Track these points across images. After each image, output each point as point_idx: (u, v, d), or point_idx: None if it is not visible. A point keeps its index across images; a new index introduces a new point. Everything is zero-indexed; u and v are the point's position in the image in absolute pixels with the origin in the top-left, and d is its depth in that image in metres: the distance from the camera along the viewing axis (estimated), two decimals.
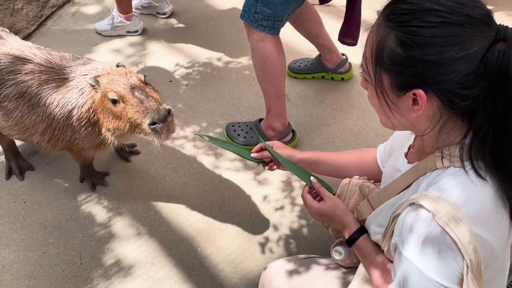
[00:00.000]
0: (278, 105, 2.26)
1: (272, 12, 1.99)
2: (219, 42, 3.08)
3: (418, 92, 0.91)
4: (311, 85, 2.76)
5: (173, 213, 2.11)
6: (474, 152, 0.92)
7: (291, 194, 2.20)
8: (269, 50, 2.10)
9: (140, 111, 1.60)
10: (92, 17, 3.29)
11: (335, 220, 1.27)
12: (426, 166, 0.99)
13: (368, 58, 0.97)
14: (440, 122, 0.95)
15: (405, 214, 0.95)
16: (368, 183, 1.36)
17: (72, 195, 2.17)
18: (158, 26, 3.22)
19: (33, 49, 1.88)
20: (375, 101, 1.00)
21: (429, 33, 0.87)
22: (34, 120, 1.82)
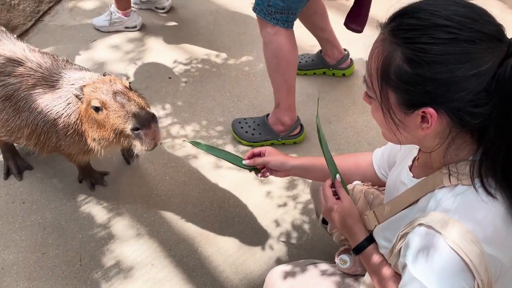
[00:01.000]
0: (288, 99, 2.24)
1: (286, 5, 1.95)
2: (219, 38, 3.04)
3: (428, 111, 0.87)
4: (312, 82, 2.73)
5: (173, 213, 2.09)
6: (484, 169, 0.89)
7: (293, 193, 2.18)
8: (283, 44, 2.07)
9: (122, 116, 1.55)
10: (90, 12, 3.24)
11: (344, 224, 1.22)
12: (434, 182, 0.96)
13: (373, 74, 0.93)
14: (449, 139, 0.92)
15: (414, 234, 0.93)
16: (372, 189, 1.34)
17: (71, 195, 2.15)
18: (157, 21, 3.18)
19: (26, 51, 1.84)
20: (380, 117, 0.97)
21: (438, 50, 0.83)
22: (19, 124, 1.80)
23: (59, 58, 1.88)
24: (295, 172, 1.44)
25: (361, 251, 1.19)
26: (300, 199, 2.15)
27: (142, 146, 1.57)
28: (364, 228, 1.20)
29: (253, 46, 2.96)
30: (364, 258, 1.19)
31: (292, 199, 2.15)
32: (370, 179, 1.39)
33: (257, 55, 2.90)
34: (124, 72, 2.76)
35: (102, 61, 2.85)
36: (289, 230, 2.03)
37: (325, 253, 1.93)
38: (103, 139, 1.66)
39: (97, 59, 2.85)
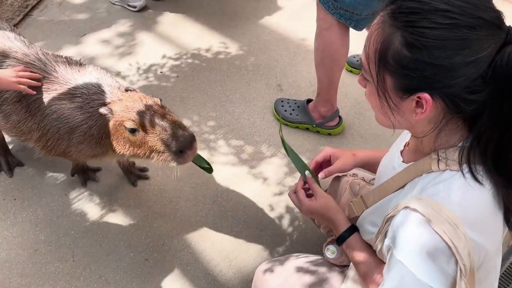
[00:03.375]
0: (328, 92, 2.27)
1: (352, 4, 1.91)
2: (210, 31, 3.02)
3: (424, 96, 0.87)
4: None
5: (166, 208, 2.09)
6: (474, 156, 0.89)
7: (285, 186, 2.18)
8: (332, 41, 2.06)
9: (165, 139, 1.52)
10: (79, 6, 3.21)
11: (325, 218, 1.26)
12: (422, 167, 0.97)
13: (371, 57, 0.92)
14: (440, 125, 0.92)
15: (399, 217, 0.94)
16: (358, 180, 1.35)
17: (63, 191, 2.14)
18: (148, 14, 3.15)
19: (39, 54, 1.79)
20: (375, 100, 0.97)
21: (438, 35, 0.82)
22: (30, 126, 1.76)
23: (73, 61, 1.82)
24: (364, 165, 1.40)
25: (344, 241, 1.20)
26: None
27: (178, 163, 1.57)
28: (345, 218, 1.22)
29: (244, 40, 2.95)
30: (347, 248, 1.20)
31: (285, 193, 2.16)
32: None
33: (248, 49, 2.89)
34: (114, 67, 2.74)
35: (92, 55, 2.82)
36: (282, 223, 2.04)
37: (318, 245, 1.94)
38: (133, 155, 1.64)
39: (87, 54, 2.83)
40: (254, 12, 3.16)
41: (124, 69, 2.75)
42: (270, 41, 2.94)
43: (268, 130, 2.43)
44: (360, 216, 1.17)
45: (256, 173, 2.23)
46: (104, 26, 3.05)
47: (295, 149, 2.30)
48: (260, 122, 2.47)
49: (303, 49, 2.89)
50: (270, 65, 2.79)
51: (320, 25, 2.07)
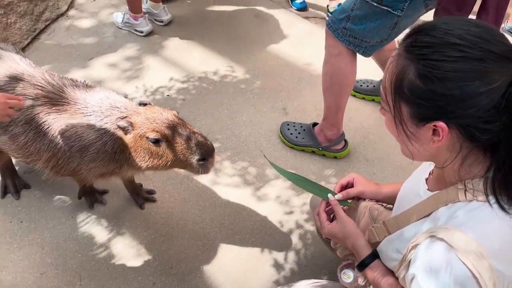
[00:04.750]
0: (335, 117, 2.31)
1: (361, 31, 1.96)
2: (215, 56, 3.07)
3: (439, 124, 0.90)
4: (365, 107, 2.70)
5: (174, 231, 2.09)
6: (497, 186, 0.91)
7: (292, 208, 2.19)
8: (341, 68, 2.11)
9: (188, 148, 1.59)
10: (86, 30, 3.26)
11: (346, 242, 1.27)
12: (448, 197, 0.98)
13: (387, 88, 0.96)
14: (461, 155, 0.94)
15: (425, 246, 0.95)
16: (377, 205, 1.36)
17: (70, 214, 2.13)
18: (154, 39, 3.20)
19: (45, 75, 1.82)
20: (394, 129, 1.00)
21: (449, 67, 0.86)
22: (40, 147, 1.77)
23: (79, 83, 1.85)
24: (387, 200, 1.41)
25: (365, 267, 1.21)
26: (299, 214, 2.16)
27: (200, 173, 1.65)
28: (366, 243, 1.23)
29: (249, 64, 3.00)
30: (369, 274, 1.20)
31: (292, 215, 2.16)
32: None
33: (253, 73, 2.94)
34: (121, 90, 2.77)
35: (99, 79, 2.86)
36: (290, 246, 2.04)
37: (327, 269, 1.94)
38: (152, 168, 1.68)
39: (94, 77, 2.86)
40: (258, 37, 3.23)
41: (131, 92, 2.78)
42: (274, 66, 3.00)
43: (274, 152, 2.45)
44: (382, 242, 1.18)
45: (261, 195, 2.24)
46: (111, 50, 3.10)
47: (302, 172, 2.33)
48: (267, 145, 2.49)
49: (307, 74, 2.94)
50: (275, 89, 2.83)
51: (329, 51, 2.12)
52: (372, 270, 1.19)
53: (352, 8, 1.94)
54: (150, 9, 3.27)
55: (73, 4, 3.51)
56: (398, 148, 2.52)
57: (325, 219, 1.30)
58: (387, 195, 1.39)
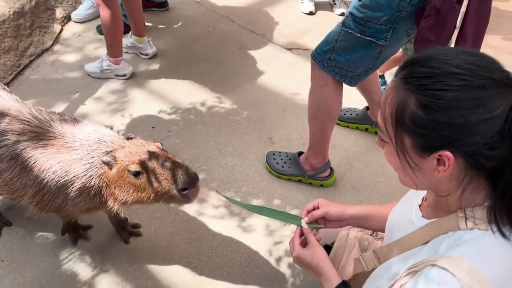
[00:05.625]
0: (321, 145, 2.33)
1: (346, 62, 1.99)
2: (201, 87, 3.10)
3: (445, 154, 0.90)
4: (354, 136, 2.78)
5: (160, 266, 2.04)
6: (500, 214, 0.91)
7: (279, 239, 2.16)
8: (326, 97, 2.14)
9: (169, 179, 1.57)
10: (71, 65, 3.28)
11: (312, 269, 1.26)
12: (449, 225, 0.97)
13: (388, 119, 0.96)
14: (463, 183, 0.94)
15: (426, 274, 0.93)
16: (366, 235, 1.35)
17: (53, 251, 2.08)
18: (140, 71, 3.23)
19: (32, 110, 1.81)
20: (395, 161, 0.99)
21: (452, 96, 0.86)
22: (25, 183, 1.74)
23: (67, 118, 1.85)
24: (353, 221, 1.40)
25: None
26: (287, 244, 2.13)
27: (183, 203, 1.63)
28: (335, 272, 1.22)
29: (235, 95, 3.03)
30: None
31: (280, 245, 2.13)
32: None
33: (239, 103, 2.96)
34: (107, 122, 2.77)
35: (85, 113, 2.85)
36: (280, 277, 2.00)
37: None
38: (136, 202, 1.66)
39: (79, 111, 2.85)
40: (243, 69, 3.28)
41: (117, 125, 2.77)
42: (260, 96, 3.03)
43: (261, 182, 2.45)
44: (375, 271, 1.16)
45: (248, 226, 2.22)
46: (96, 83, 3.11)
47: (290, 201, 2.33)
48: (253, 175, 2.49)
49: (292, 104, 2.98)
50: (260, 118, 2.86)
51: (314, 82, 2.16)
52: None
53: (336, 39, 1.99)
54: (134, 43, 3.31)
55: (58, 39, 3.54)
56: (384, 175, 2.55)
57: (298, 243, 1.30)
58: (354, 215, 1.39)
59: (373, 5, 1.83)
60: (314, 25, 3.76)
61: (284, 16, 3.84)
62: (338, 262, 1.37)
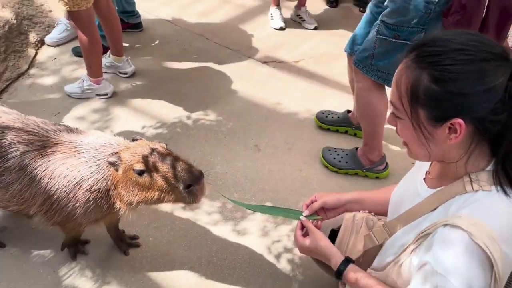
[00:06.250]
0: (374, 141, 2.48)
1: (386, 66, 2.14)
2: (183, 102, 3.16)
3: (458, 121, 1.02)
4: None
5: (162, 274, 2.06)
6: (502, 176, 1.04)
7: (277, 238, 2.24)
8: (372, 99, 2.31)
9: (173, 176, 1.58)
10: (50, 87, 3.27)
11: (318, 253, 1.36)
12: (456, 190, 1.09)
13: (404, 95, 1.07)
14: (471, 149, 1.06)
15: (439, 234, 1.04)
16: (371, 216, 1.45)
17: (51, 268, 2.06)
18: (121, 89, 3.26)
19: (38, 122, 1.84)
20: (411, 134, 1.10)
21: (460, 69, 1.00)
22: (35, 192, 1.75)
23: (73, 128, 1.88)
24: (349, 206, 1.51)
25: (342, 274, 1.29)
26: (285, 242, 2.21)
27: (192, 202, 1.63)
28: (337, 252, 1.33)
29: (217, 108, 3.11)
30: (348, 280, 1.29)
31: (277, 244, 2.20)
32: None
33: (223, 115, 3.05)
34: None
35: None
36: (280, 274, 2.07)
37: None
38: (142, 201, 1.67)
39: None
40: (222, 83, 3.38)
41: None
42: (241, 108, 3.13)
43: (252, 187, 2.52)
44: (386, 243, 1.25)
45: (243, 229, 2.28)
46: (77, 103, 3.11)
47: (282, 205, 2.40)
48: (244, 181, 2.56)
49: (274, 113, 3.09)
50: (245, 128, 2.95)
51: (359, 86, 2.33)
52: (349, 275, 1.28)
53: (374, 46, 2.16)
54: (113, 63, 3.34)
55: (33, 63, 3.52)
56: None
57: (300, 235, 1.41)
58: (349, 200, 1.51)
59: (401, 10, 1.99)
60: (286, 40, 3.93)
61: (256, 32, 4.00)
62: (346, 242, 1.46)
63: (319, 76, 3.47)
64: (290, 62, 3.64)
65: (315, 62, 3.65)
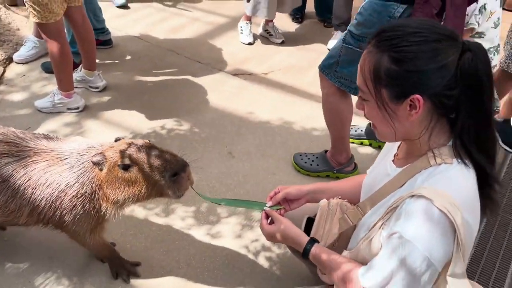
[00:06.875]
0: (340, 145, 2.60)
1: (350, 74, 2.24)
2: (156, 113, 3.19)
3: (416, 97, 1.12)
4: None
5: (141, 278, 2.06)
6: (460, 149, 1.15)
7: (254, 238, 2.28)
8: (337, 104, 2.42)
9: (158, 166, 1.60)
10: (19, 103, 3.24)
11: (285, 237, 1.43)
12: (421, 165, 1.19)
13: (367, 77, 1.18)
14: (431, 125, 1.16)
15: (406, 205, 1.12)
16: (345, 202, 1.53)
17: (26, 279, 2.02)
18: (92, 103, 3.27)
19: (17, 133, 1.83)
20: (376, 114, 1.20)
21: (416, 49, 1.11)
22: (20, 203, 1.73)
23: (53, 136, 1.88)
24: (311, 196, 1.59)
25: (309, 252, 1.36)
26: (262, 242, 2.26)
27: (176, 193, 1.63)
28: (303, 233, 1.41)
29: (190, 118, 3.17)
30: (314, 258, 1.36)
31: (255, 244, 2.25)
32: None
33: (196, 125, 3.10)
34: None
35: None
36: (260, 274, 2.11)
37: (302, 284, 2.03)
38: (129, 198, 1.66)
39: None
40: (194, 95, 3.44)
41: None
42: (214, 117, 3.20)
43: (228, 192, 2.57)
44: (359, 223, 1.33)
45: (216, 233, 2.32)
46: (48, 118, 3.10)
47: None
48: (219, 186, 2.61)
49: (246, 122, 3.17)
50: (218, 137, 3.01)
51: (324, 92, 2.45)
52: (315, 252, 1.35)
53: (339, 54, 2.28)
54: (84, 77, 3.36)
55: (1, 80, 3.48)
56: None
57: (266, 223, 1.49)
58: (311, 190, 1.61)
59: (366, 23, 2.14)
60: (255, 54, 4.06)
61: (225, 47, 4.11)
62: (322, 227, 1.52)
63: (288, 87, 3.61)
64: (259, 74, 3.75)
65: (284, 73, 3.79)
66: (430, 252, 1.09)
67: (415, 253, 1.09)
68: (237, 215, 2.42)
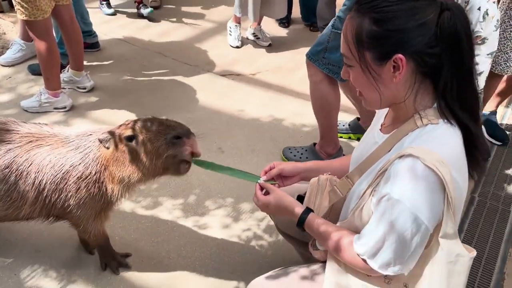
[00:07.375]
0: (330, 133, 2.58)
1: (338, 60, 2.22)
2: (144, 112, 3.11)
3: (399, 56, 1.13)
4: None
5: (131, 270, 2.02)
6: (445, 109, 1.16)
7: (245, 227, 2.27)
8: (325, 91, 2.42)
9: (162, 132, 1.59)
10: (6, 103, 3.20)
11: (280, 207, 1.42)
12: (408, 128, 1.20)
13: (350, 41, 1.18)
14: (415, 87, 1.18)
15: (395, 165, 1.13)
16: (334, 177, 1.54)
17: (12, 271, 1.97)
18: (80, 103, 3.25)
19: (18, 122, 1.82)
20: (361, 79, 1.21)
21: (395, 8, 1.13)
22: (23, 189, 1.69)
23: (55, 125, 1.88)
24: (305, 174, 1.58)
25: (304, 221, 1.36)
26: (254, 230, 2.25)
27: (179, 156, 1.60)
28: (299, 205, 1.40)
29: (179, 115, 3.12)
30: (309, 227, 1.35)
31: (246, 233, 2.24)
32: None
33: (186, 122, 3.04)
34: None
35: None
36: (251, 262, 2.09)
37: None
38: (134, 174, 1.64)
39: None
40: (183, 94, 3.45)
41: None
42: (203, 115, 3.20)
43: (218, 185, 2.56)
44: (351, 190, 1.33)
45: (203, 224, 2.31)
46: (34, 118, 3.06)
47: (244, 199, 2.45)
48: (208, 180, 2.59)
49: (235, 119, 3.18)
50: (207, 133, 2.99)
51: (312, 80, 2.46)
52: (310, 222, 1.35)
53: (328, 40, 2.30)
54: (72, 77, 3.34)
55: None
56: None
57: (260, 194, 1.47)
58: (306, 168, 1.61)
59: None
60: (242, 56, 4.10)
61: (213, 50, 4.14)
62: (313, 203, 1.52)
63: (276, 86, 3.64)
64: (247, 75, 3.78)
65: (271, 74, 3.82)
66: (419, 209, 1.09)
67: (405, 213, 1.09)
68: (225, 207, 2.41)
